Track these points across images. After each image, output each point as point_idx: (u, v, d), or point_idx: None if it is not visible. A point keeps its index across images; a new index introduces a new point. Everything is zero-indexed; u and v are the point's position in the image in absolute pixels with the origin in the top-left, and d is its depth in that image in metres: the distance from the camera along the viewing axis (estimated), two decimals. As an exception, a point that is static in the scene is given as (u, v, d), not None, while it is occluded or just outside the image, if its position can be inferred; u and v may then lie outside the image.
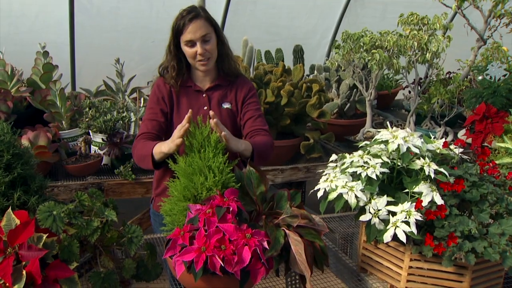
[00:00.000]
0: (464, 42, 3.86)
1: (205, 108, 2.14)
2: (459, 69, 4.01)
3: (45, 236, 1.42)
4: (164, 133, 2.14)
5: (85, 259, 1.71)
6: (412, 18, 3.30)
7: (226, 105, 2.18)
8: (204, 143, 1.61)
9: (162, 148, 1.86)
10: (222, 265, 1.38)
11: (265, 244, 1.45)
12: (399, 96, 4.84)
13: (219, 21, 4.89)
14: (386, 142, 1.66)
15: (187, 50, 2.07)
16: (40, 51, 3.36)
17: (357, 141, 3.49)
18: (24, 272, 1.34)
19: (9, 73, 3.16)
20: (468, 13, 3.54)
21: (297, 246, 1.50)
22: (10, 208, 1.45)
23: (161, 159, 1.90)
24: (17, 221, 1.43)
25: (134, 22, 4.52)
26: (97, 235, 1.53)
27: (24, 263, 1.36)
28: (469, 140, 2.96)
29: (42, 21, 4.21)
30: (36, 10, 4.15)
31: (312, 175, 3.23)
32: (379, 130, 1.75)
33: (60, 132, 2.91)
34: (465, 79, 3.74)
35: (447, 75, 4.10)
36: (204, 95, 2.17)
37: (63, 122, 2.99)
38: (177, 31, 2.05)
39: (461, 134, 3.42)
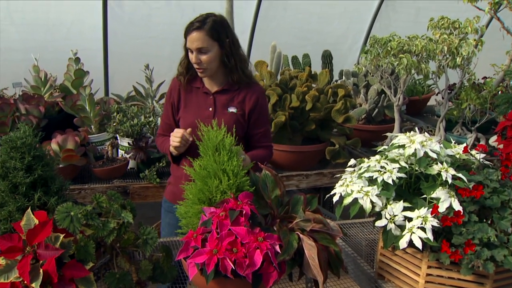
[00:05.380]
0: (500, 46, 3.76)
1: (210, 109, 2.26)
2: (494, 74, 3.90)
3: (62, 236, 1.45)
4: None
5: (105, 261, 1.74)
6: (442, 22, 3.24)
7: (231, 109, 2.25)
8: (219, 146, 1.62)
9: (171, 148, 2.20)
10: (234, 268, 1.38)
11: (277, 248, 1.45)
12: (432, 101, 4.75)
13: (248, 25, 4.92)
14: (403, 147, 1.63)
15: (189, 54, 2.19)
16: (72, 58, 3.47)
17: (380, 146, 3.42)
18: (41, 270, 1.38)
19: (42, 79, 3.27)
20: (506, 16, 3.44)
21: (310, 251, 1.49)
22: (29, 208, 1.49)
23: (177, 154, 2.22)
24: (36, 221, 1.47)
25: (165, 29, 4.60)
26: (113, 236, 1.56)
27: (41, 262, 1.40)
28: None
29: (77, 29, 4.33)
30: (71, 18, 4.28)
31: (338, 181, 3.19)
32: (396, 135, 1.72)
33: (89, 136, 2.99)
34: (500, 84, 3.64)
35: (482, 80, 3.99)
36: (211, 97, 2.26)
37: (92, 127, 3.07)
38: (184, 35, 2.17)
39: (493, 140, 3.32)
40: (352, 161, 1.84)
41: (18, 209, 1.54)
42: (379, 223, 1.59)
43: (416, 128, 3.22)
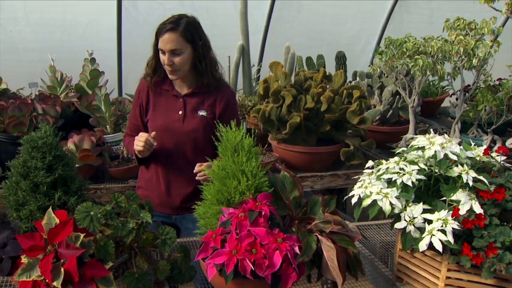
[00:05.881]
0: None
1: (180, 112, 2.25)
2: (510, 76, 3.86)
3: (82, 235, 1.46)
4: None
5: (123, 260, 1.75)
6: (458, 23, 3.21)
7: (201, 112, 2.26)
8: (238, 147, 1.62)
9: (134, 149, 2.19)
10: (253, 268, 1.39)
11: (297, 249, 1.45)
12: (446, 103, 4.72)
13: (261, 26, 4.92)
14: (422, 149, 1.62)
15: (160, 55, 2.17)
16: (88, 58, 3.49)
17: (398, 148, 3.41)
18: (62, 269, 1.39)
19: (58, 79, 3.30)
20: (523, 16, 3.40)
21: (329, 252, 1.48)
22: (50, 207, 1.51)
23: (143, 157, 2.22)
24: (57, 220, 1.48)
25: (179, 30, 4.61)
26: (132, 236, 1.56)
27: (62, 261, 1.41)
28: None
29: (92, 30, 4.36)
30: (87, 18, 4.31)
31: (352, 182, 3.17)
32: (416, 136, 1.71)
33: (104, 136, 3.00)
34: (516, 86, 3.60)
35: (497, 82, 3.96)
36: (180, 100, 2.26)
37: (107, 127, 3.09)
38: (156, 35, 2.16)
39: (509, 142, 3.29)
40: (370, 163, 1.83)
41: (39, 208, 1.56)
42: (399, 225, 1.58)
43: (431, 130, 3.21)
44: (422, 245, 1.51)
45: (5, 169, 1.67)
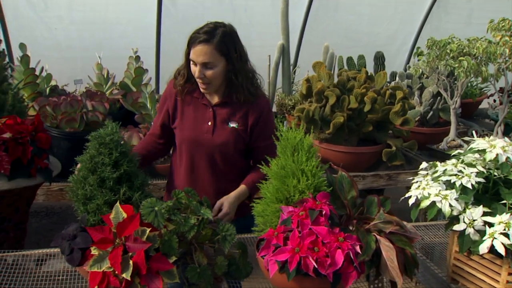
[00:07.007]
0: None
1: (209, 123, 2.11)
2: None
3: (148, 230, 1.51)
4: (167, 138, 2.26)
5: (179, 255, 1.79)
6: (503, 24, 3.18)
7: (232, 124, 2.11)
8: (298, 146, 1.65)
9: None
10: (315, 266, 1.41)
11: (358, 248, 1.47)
12: (483, 104, 4.67)
13: (299, 25, 4.94)
14: (482, 152, 1.62)
15: (191, 65, 2.02)
16: (133, 56, 3.56)
17: (440, 150, 3.41)
18: (131, 262, 1.44)
19: (105, 76, 3.38)
20: None
21: (388, 252, 1.50)
22: (118, 202, 1.56)
23: None
24: (124, 215, 1.54)
25: (217, 29, 4.66)
26: (193, 231, 1.60)
27: (130, 253, 1.46)
28: None
29: (133, 28, 4.45)
30: (128, 17, 4.40)
31: (394, 183, 3.19)
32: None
33: (149, 133, 3.06)
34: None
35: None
36: (210, 110, 2.12)
37: (152, 124, 3.14)
38: (188, 44, 2.01)
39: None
40: (423, 164, 1.84)
41: (105, 202, 1.61)
42: (458, 227, 1.58)
43: (473, 132, 3.18)
44: (483, 248, 1.51)
45: (69, 164, 1.73)
